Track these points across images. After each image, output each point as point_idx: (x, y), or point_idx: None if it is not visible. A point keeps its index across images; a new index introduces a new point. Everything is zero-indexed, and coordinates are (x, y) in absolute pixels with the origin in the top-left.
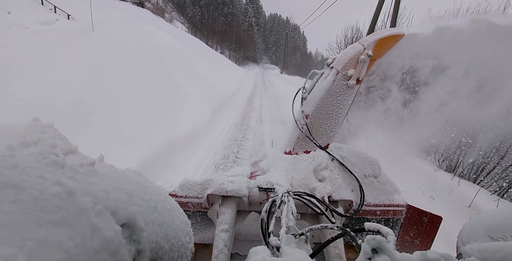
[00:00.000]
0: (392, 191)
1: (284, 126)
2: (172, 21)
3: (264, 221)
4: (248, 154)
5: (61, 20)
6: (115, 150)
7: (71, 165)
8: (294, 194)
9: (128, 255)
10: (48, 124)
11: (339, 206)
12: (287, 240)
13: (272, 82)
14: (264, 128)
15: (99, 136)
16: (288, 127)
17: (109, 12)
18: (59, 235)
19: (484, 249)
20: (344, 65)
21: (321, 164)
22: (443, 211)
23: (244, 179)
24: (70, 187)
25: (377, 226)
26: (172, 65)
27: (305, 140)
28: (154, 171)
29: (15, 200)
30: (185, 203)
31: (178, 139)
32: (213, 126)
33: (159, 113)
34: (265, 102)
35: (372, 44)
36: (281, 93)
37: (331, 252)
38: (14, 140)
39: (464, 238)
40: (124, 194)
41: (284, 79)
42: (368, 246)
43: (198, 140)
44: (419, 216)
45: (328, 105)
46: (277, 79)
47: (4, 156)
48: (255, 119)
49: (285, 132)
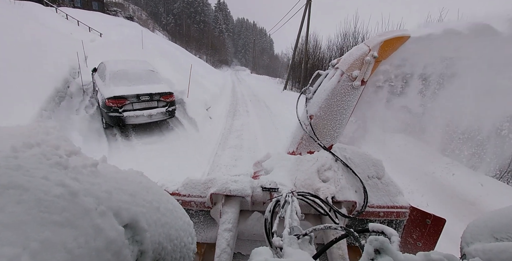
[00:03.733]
0: (396, 192)
1: (253, 95)
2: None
3: (267, 221)
4: (240, 95)
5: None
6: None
7: (74, 166)
8: (298, 194)
9: (131, 255)
10: (51, 125)
11: (342, 207)
12: (290, 241)
13: (245, 79)
14: (243, 93)
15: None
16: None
17: (121, 30)
18: (62, 235)
19: (488, 249)
20: (349, 66)
21: (324, 164)
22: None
23: (247, 179)
24: (73, 188)
25: (381, 227)
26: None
27: (309, 140)
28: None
29: (20, 200)
30: (188, 202)
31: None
32: (223, 92)
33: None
34: (243, 88)
35: (378, 46)
36: (251, 84)
37: (334, 253)
38: (17, 141)
39: (468, 239)
40: (127, 194)
41: (254, 77)
42: (371, 246)
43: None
44: (423, 218)
45: (332, 106)
46: (248, 78)
47: (8, 157)
48: (239, 92)
49: (251, 94)
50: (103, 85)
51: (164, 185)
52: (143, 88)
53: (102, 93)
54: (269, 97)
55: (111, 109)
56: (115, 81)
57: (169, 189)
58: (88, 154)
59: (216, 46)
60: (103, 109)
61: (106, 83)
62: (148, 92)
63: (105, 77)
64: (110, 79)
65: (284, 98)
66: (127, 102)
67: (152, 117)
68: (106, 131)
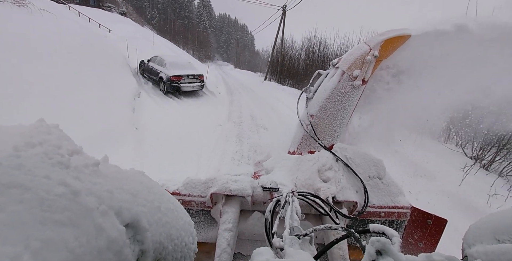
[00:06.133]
0: (397, 192)
1: (240, 84)
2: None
3: (268, 221)
4: (231, 83)
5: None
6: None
7: (75, 165)
8: (299, 194)
9: (132, 255)
10: (53, 125)
11: (343, 207)
12: (291, 241)
13: (230, 73)
14: (233, 83)
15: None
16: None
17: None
18: (64, 234)
19: (490, 251)
20: (350, 66)
21: (325, 164)
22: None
23: (248, 179)
24: (75, 187)
25: (382, 228)
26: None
27: (310, 140)
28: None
29: (22, 199)
30: (189, 202)
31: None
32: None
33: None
34: (231, 79)
35: (378, 45)
36: (237, 77)
37: (335, 254)
38: (20, 141)
39: (469, 240)
40: (128, 194)
41: (238, 72)
42: (373, 247)
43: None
44: (424, 219)
45: (333, 106)
46: (233, 72)
47: (11, 156)
48: (229, 82)
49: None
50: (165, 69)
51: (165, 185)
52: (188, 71)
53: (166, 73)
54: (253, 85)
55: (173, 82)
56: (173, 67)
57: (169, 189)
58: (157, 104)
59: (203, 42)
60: (167, 82)
61: (167, 68)
62: (192, 73)
63: (165, 65)
64: (170, 66)
65: (264, 86)
66: (182, 78)
67: (194, 88)
68: (166, 95)
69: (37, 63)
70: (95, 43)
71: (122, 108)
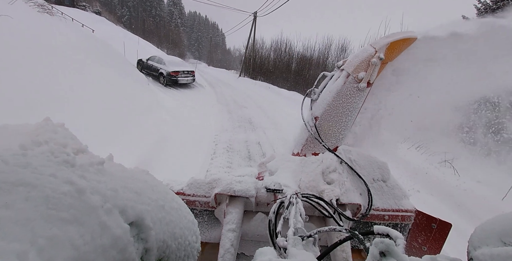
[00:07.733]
0: (401, 195)
1: (219, 80)
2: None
3: (272, 222)
4: (210, 80)
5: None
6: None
7: (81, 163)
8: (302, 196)
9: (135, 253)
10: (59, 124)
11: (347, 210)
12: (294, 241)
13: (206, 71)
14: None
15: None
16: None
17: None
18: (69, 232)
19: (496, 254)
20: (355, 68)
21: (329, 166)
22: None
23: (252, 179)
24: (80, 186)
25: (386, 229)
26: None
27: (314, 142)
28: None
29: (28, 197)
30: (193, 202)
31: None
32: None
33: None
34: (209, 76)
35: (384, 47)
36: (213, 74)
37: (338, 256)
38: (26, 139)
39: (475, 243)
40: (133, 192)
41: (213, 70)
42: (376, 249)
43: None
44: (428, 222)
45: (337, 108)
46: (208, 70)
47: (17, 155)
48: (208, 79)
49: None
50: (164, 66)
51: (169, 184)
52: (183, 67)
53: (166, 69)
54: (230, 81)
55: (172, 76)
56: (171, 64)
57: (174, 188)
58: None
59: (176, 40)
60: (167, 76)
61: (166, 65)
62: (186, 69)
63: (164, 62)
64: (168, 63)
65: (240, 81)
66: (179, 73)
67: (188, 81)
68: (166, 86)
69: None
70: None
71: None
